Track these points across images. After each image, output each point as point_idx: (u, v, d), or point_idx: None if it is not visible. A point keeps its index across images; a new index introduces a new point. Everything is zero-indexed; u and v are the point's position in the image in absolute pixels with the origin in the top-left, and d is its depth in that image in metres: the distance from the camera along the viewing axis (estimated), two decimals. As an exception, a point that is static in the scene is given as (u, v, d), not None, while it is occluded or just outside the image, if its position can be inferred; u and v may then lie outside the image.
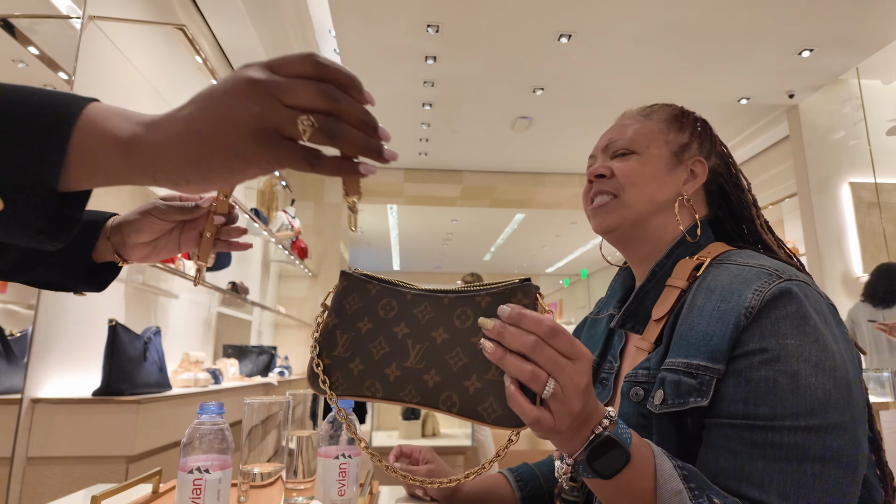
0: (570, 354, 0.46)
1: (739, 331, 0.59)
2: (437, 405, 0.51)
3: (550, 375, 0.45)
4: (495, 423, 0.49)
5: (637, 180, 0.75)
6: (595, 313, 0.90)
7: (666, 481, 0.51)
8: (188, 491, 0.60)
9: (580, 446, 0.49)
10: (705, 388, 0.59)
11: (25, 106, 0.37)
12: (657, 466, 0.52)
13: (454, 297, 0.53)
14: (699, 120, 0.81)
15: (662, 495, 0.51)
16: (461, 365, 0.51)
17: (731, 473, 0.55)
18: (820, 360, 0.56)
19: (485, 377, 0.50)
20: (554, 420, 0.46)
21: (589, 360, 0.47)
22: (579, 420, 0.47)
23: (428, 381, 0.51)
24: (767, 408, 0.55)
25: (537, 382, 0.45)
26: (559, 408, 0.46)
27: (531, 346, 0.45)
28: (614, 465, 0.49)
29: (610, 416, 0.50)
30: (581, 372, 0.46)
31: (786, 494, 0.52)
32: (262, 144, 0.37)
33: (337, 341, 0.54)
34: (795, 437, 0.53)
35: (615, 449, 0.49)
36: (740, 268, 0.64)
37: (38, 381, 1.89)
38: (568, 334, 0.46)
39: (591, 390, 0.48)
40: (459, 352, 0.51)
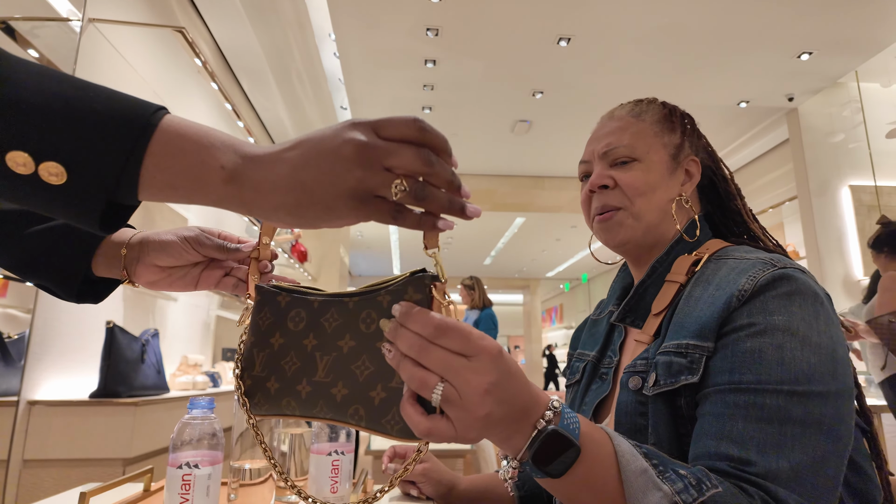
0: (464, 352, 0.41)
1: (730, 311, 0.59)
2: (347, 419, 0.47)
3: (443, 379, 0.40)
4: (399, 436, 0.44)
5: (644, 190, 0.74)
6: (597, 314, 0.90)
7: (629, 462, 0.48)
8: (177, 486, 0.59)
9: (523, 445, 0.44)
10: (695, 365, 0.59)
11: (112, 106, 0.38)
12: (616, 448, 0.49)
13: (358, 300, 0.49)
14: (686, 116, 0.81)
15: (628, 477, 0.47)
16: (367, 374, 0.47)
17: (712, 433, 0.54)
18: (807, 335, 0.56)
19: (390, 385, 0.46)
20: (455, 428, 0.41)
21: (492, 354, 0.41)
22: (496, 422, 0.42)
23: (336, 394, 0.48)
24: (752, 375, 0.55)
25: (426, 388, 0.40)
26: (459, 414, 0.40)
27: (418, 349, 0.40)
28: (564, 462, 0.45)
29: (553, 407, 0.45)
30: (480, 370, 0.41)
31: (765, 452, 0.51)
32: (356, 202, 0.39)
33: (254, 360, 0.52)
34: (778, 399, 0.53)
35: (562, 442, 0.45)
36: (737, 261, 0.65)
37: (35, 382, 1.88)
38: (461, 329, 0.41)
39: (510, 386, 0.42)
40: (366, 360, 0.47)
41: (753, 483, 0.50)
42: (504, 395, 0.42)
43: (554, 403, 0.46)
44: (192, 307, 3.27)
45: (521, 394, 0.44)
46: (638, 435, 0.63)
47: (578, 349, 0.87)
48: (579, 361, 0.84)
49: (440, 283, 0.44)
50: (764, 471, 0.50)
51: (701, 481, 0.48)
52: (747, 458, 0.51)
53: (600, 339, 0.82)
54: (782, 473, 0.50)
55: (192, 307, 3.27)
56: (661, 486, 0.47)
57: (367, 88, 4.14)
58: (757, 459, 0.51)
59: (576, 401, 0.81)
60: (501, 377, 0.42)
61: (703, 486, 0.48)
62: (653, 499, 0.46)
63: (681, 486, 0.47)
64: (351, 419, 0.47)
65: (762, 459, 0.51)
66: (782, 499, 0.49)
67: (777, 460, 0.50)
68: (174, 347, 2.98)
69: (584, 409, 0.77)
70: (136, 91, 2.47)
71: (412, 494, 0.90)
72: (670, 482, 0.47)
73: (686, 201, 0.76)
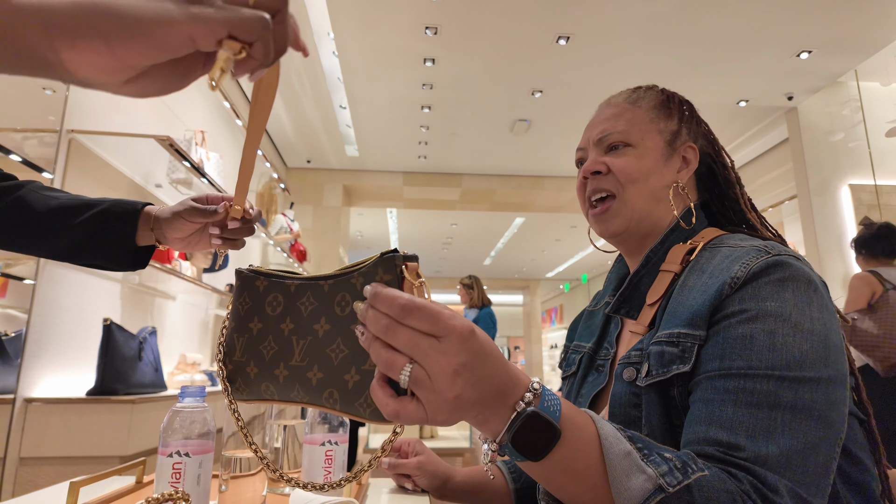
0: (433, 332, 0.39)
1: (722, 298, 0.58)
2: (322, 403, 0.47)
3: (412, 359, 0.40)
4: (371, 418, 0.44)
5: (637, 176, 0.73)
6: (593, 305, 0.89)
7: (612, 445, 0.47)
8: (167, 475, 0.58)
9: (502, 427, 0.44)
10: (687, 354, 0.58)
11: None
12: (599, 431, 0.47)
13: (333, 283, 0.49)
14: (684, 102, 0.80)
15: (611, 460, 0.46)
16: (342, 357, 0.47)
17: (701, 419, 0.54)
18: (799, 322, 0.55)
19: (363, 368, 0.46)
20: (425, 410, 0.40)
21: (462, 334, 0.40)
22: (469, 404, 0.41)
23: (311, 378, 0.48)
24: (742, 361, 0.54)
25: (394, 369, 0.40)
26: (427, 395, 0.40)
27: (385, 330, 0.40)
28: (543, 444, 0.44)
29: (533, 389, 0.44)
30: (449, 351, 0.39)
31: (754, 437, 0.50)
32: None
33: (235, 345, 0.52)
34: (768, 384, 0.52)
35: (542, 425, 0.44)
36: (731, 249, 0.64)
37: (32, 380, 1.87)
38: (429, 309, 0.39)
39: (483, 366, 0.41)
40: (340, 343, 0.47)
41: (742, 468, 0.49)
42: (476, 376, 0.41)
43: (534, 385, 0.45)
44: (189, 306, 3.26)
45: (497, 374, 0.43)
46: (632, 426, 0.62)
47: (575, 341, 0.86)
48: (575, 353, 0.84)
49: (413, 262, 0.44)
50: (753, 456, 0.49)
51: (686, 464, 0.47)
52: (736, 443, 0.50)
53: (596, 330, 0.82)
54: (772, 459, 0.49)
55: (189, 306, 3.26)
56: (644, 468, 0.46)
57: (365, 87, 4.14)
58: (746, 444, 0.50)
59: (572, 393, 0.80)
60: (472, 358, 0.40)
61: (689, 470, 0.47)
62: (636, 482, 0.45)
63: (665, 468, 0.46)
64: (326, 402, 0.47)
65: (752, 444, 0.50)
66: (771, 483, 0.47)
67: (767, 445, 0.49)
68: (172, 346, 2.97)
69: (580, 401, 0.76)
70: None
71: (407, 487, 0.89)
72: (654, 465, 0.46)
73: (682, 188, 0.75)
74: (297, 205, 5.58)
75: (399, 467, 0.90)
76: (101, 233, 0.75)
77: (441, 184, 5.98)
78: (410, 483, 0.90)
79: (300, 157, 5.57)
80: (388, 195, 6.34)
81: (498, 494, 0.88)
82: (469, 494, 0.89)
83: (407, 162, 5.69)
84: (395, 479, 0.92)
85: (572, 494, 0.48)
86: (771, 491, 0.47)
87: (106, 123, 2.24)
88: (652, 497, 0.45)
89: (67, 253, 0.76)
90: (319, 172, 5.87)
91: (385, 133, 4.98)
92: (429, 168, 5.85)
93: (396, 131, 4.93)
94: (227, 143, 3.84)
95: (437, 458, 0.91)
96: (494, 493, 0.88)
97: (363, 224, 8.44)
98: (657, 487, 0.45)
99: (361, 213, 7.70)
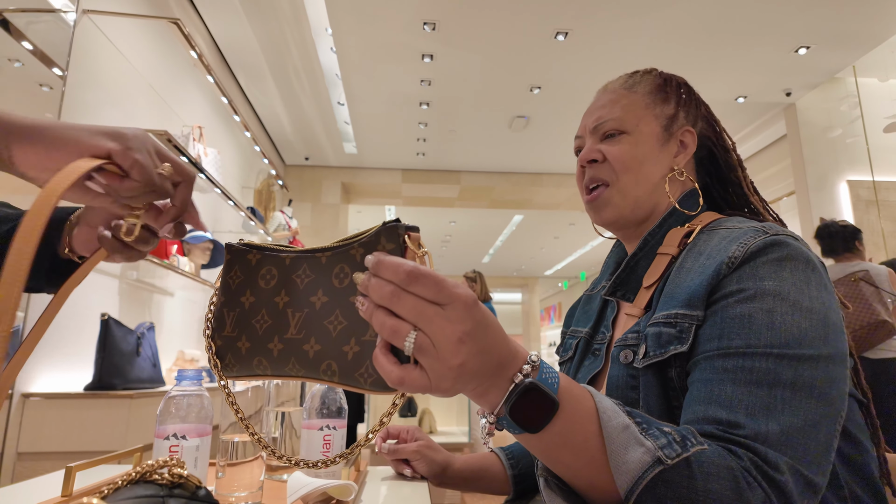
0: (438, 300, 0.39)
1: (720, 278, 0.58)
2: (319, 375, 0.47)
3: (416, 327, 0.39)
4: (372, 388, 0.44)
5: (632, 164, 0.73)
6: (590, 290, 0.89)
7: (610, 418, 0.47)
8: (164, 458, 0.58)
9: (499, 399, 0.44)
10: (685, 335, 0.58)
11: None
12: (597, 405, 0.47)
13: (331, 255, 0.48)
14: (682, 85, 0.80)
15: (609, 433, 0.46)
16: (340, 329, 0.46)
17: (700, 398, 0.53)
18: (798, 300, 0.54)
19: (363, 339, 0.45)
20: (429, 378, 0.40)
21: (467, 302, 0.40)
22: (471, 373, 0.41)
23: (308, 350, 0.47)
24: (741, 340, 0.54)
25: (398, 336, 0.39)
26: (432, 363, 0.40)
27: (389, 297, 0.39)
28: (541, 416, 0.44)
29: (532, 361, 0.44)
30: (454, 318, 0.39)
31: (754, 415, 0.50)
32: None
33: (225, 320, 0.51)
34: (767, 363, 0.52)
35: (540, 397, 0.43)
36: (729, 230, 0.63)
37: (29, 375, 1.87)
38: (434, 277, 0.39)
39: (486, 336, 0.41)
40: (339, 314, 0.47)
41: (743, 445, 0.48)
42: (479, 346, 0.41)
43: (532, 357, 0.44)
44: (188, 302, 3.25)
45: (498, 345, 0.42)
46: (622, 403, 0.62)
47: (572, 326, 0.86)
48: (572, 338, 0.83)
49: (415, 232, 0.43)
50: (753, 433, 0.49)
51: (686, 438, 0.47)
52: (736, 420, 0.50)
53: (593, 315, 0.81)
54: (772, 436, 0.48)
55: (188, 302, 3.25)
56: (643, 441, 0.46)
57: (364, 83, 4.13)
58: (746, 422, 0.49)
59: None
60: (476, 327, 0.40)
61: (688, 443, 0.46)
62: (635, 454, 0.45)
63: (664, 441, 0.46)
64: (323, 375, 0.46)
65: (751, 422, 0.49)
66: (772, 460, 0.47)
67: (767, 423, 0.49)
68: (171, 342, 2.97)
69: None
70: (132, 84, 2.47)
71: (406, 474, 0.89)
72: (653, 438, 0.46)
73: (681, 173, 0.74)
74: (296, 202, 5.57)
75: (398, 452, 0.90)
76: None
77: (439, 181, 5.97)
78: (409, 469, 0.89)
79: (298, 154, 5.56)
80: (386, 192, 6.33)
81: (496, 480, 0.88)
82: (468, 481, 0.89)
83: (405, 159, 5.68)
84: (394, 465, 0.92)
85: (570, 468, 0.47)
86: (772, 468, 0.47)
87: (103, 119, 2.23)
88: (650, 470, 0.44)
89: None
90: (318, 169, 5.87)
91: (383, 130, 4.97)
92: (427, 165, 5.85)
93: (395, 128, 4.92)
94: (225, 138, 3.83)
95: (435, 445, 0.91)
96: (493, 479, 0.88)
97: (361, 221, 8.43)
98: (655, 460, 0.45)
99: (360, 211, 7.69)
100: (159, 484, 0.33)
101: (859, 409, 0.65)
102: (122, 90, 2.40)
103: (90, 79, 2.15)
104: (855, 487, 0.59)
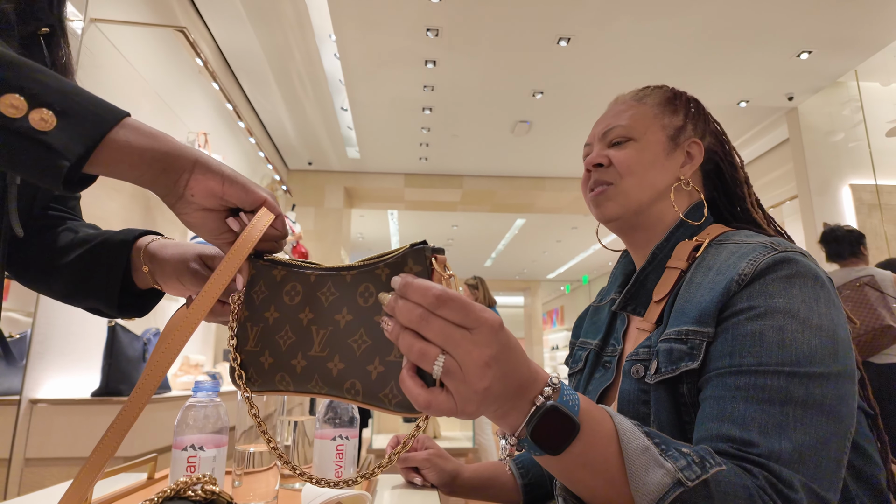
0: (465, 324, 0.39)
1: (730, 295, 0.59)
2: (343, 394, 0.47)
3: (443, 350, 0.39)
4: (396, 410, 0.44)
5: (636, 169, 0.74)
6: (598, 301, 0.90)
7: (630, 440, 0.47)
8: (182, 468, 0.59)
9: (521, 421, 0.44)
10: (696, 351, 0.59)
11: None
12: (617, 427, 0.48)
13: (356, 273, 0.48)
14: (692, 100, 0.81)
15: (629, 455, 0.46)
16: (365, 348, 0.46)
17: (713, 416, 0.54)
18: (807, 318, 0.55)
19: (387, 359, 0.45)
20: (455, 401, 0.40)
21: (493, 327, 0.40)
22: (495, 396, 0.41)
23: (332, 368, 0.47)
24: (752, 357, 0.54)
25: (426, 360, 0.39)
26: (458, 386, 0.40)
27: (418, 320, 0.39)
28: (562, 438, 0.44)
29: (552, 384, 0.45)
30: (481, 342, 0.40)
31: (767, 433, 0.50)
32: None
33: (248, 334, 0.51)
34: (779, 380, 0.52)
35: (561, 419, 0.44)
36: (738, 245, 0.64)
37: (37, 381, 1.88)
38: (462, 300, 0.39)
39: (510, 359, 0.42)
40: (363, 333, 0.47)
41: (757, 464, 0.49)
42: (503, 370, 0.41)
43: (553, 380, 0.45)
44: (193, 308, 3.26)
45: (520, 369, 0.43)
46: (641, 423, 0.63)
47: (581, 337, 0.87)
48: (582, 350, 0.84)
49: (441, 255, 0.44)
50: (767, 451, 0.49)
51: (704, 459, 0.48)
52: (749, 439, 0.50)
53: (602, 327, 0.82)
54: (785, 454, 0.49)
55: (193, 308, 3.26)
56: (663, 463, 0.46)
57: (367, 89, 4.15)
58: (759, 440, 0.50)
59: (579, 389, 0.80)
60: (501, 350, 0.41)
61: (707, 464, 0.47)
62: (655, 476, 0.46)
63: (684, 463, 0.47)
64: (347, 394, 0.47)
65: (764, 440, 0.50)
66: (786, 479, 0.48)
67: (780, 441, 0.50)
68: (175, 348, 2.97)
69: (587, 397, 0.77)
70: (138, 91, 2.49)
71: (416, 482, 0.90)
72: (673, 459, 0.47)
73: (687, 183, 0.75)
74: (299, 207, 5.59)
75: (408, 461, 0.90)
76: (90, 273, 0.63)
77: (442, 185, 5.99)
78: (419, 478, 0.90)
79: (302, 158, 5.58)
80: (389, 197, 6.35)
81: (506, 490, 0.88)
82: (478, 490, 0.89)
83: (408, 163, 5.70)
84: (404, 473, 0.92)
85: (590, 489, 0.48)
86: (786, 486, 0.47)
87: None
88: (671, 491, 0.45)
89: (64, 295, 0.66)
90: (321, 174, 5.89)
91: (386, 135, 4.99)
92: (430, 169, 5.86)
93: (398, 133, 4.94)
94: (230, 144, 3.85)
95: (445, 454, 0.91)
96: (503, 488, 0.88)
97: (364, 226, 8.45)
98: (676, 482, 0.45)
99: (363, 215, 7.71)
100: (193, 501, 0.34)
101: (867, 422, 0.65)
102: (129, 97, 2.42)
103: (97, 86, 2.17)
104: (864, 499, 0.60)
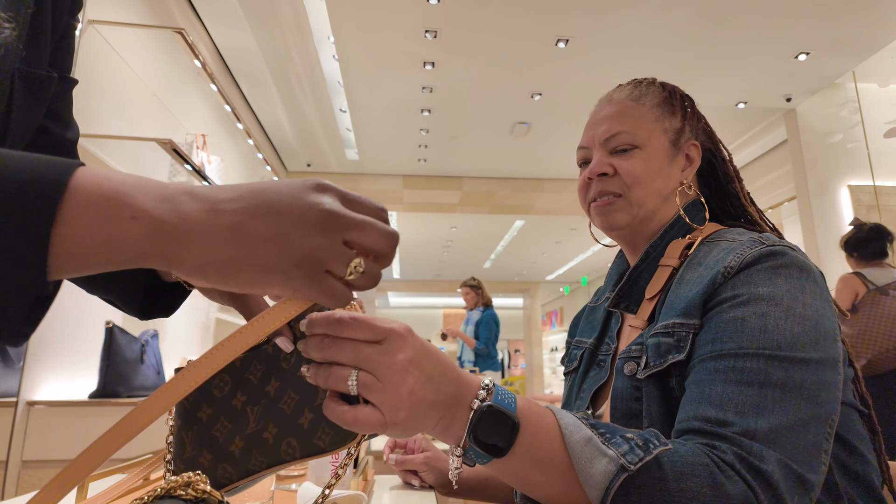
0: (373, 338, 0.40)
1: (715, 287, 0.59)
2: (281, 458, 0.47)
3: (356, 368, 0.40)
4: (332, 447, 0.45)
5: (644, 178, 0.73)
6: (594, 301, 0.90)
7: (573, 433, 0.47)
8: (177, 469, 0.58)
9: (462, 430, 0.44)
10: (682, 343, 0.59)
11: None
12: (559, 421, 0.48)
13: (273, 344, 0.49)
14: (685, 98, 0.80)
15: (573, 448, 0.46)
16: (294, 404, 0.47)
17: (692, 399, 0.54)
18: (791, 306, 0.55)
19: (315, 404, 0.46)
20: (382, 412, 0.40)
21: (401, 333, 0.41)
22: (428, 403, 0.42)
23: (268, 438, 0.48)
24: (733, 342, 0.54)
25: (341, 381, 0.40)
26: (381, 397, 0.40)
27: (327, 348, 0.40)
28: (504, 437, 0.44)
29: (486, 386, 0.45)
30: (393, 350, 0.40)
31: (743, 413, 0.50)
32: (302, 272, 0.34)
33: (184, 442, 0.51)
34: (758, 363, 0.52)
35: (500, 417, 0.44)
36: (728, 242, 0.65)
37: (34, 383, 1.87)
38: (363, 317, 0.41)
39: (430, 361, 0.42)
40: (291, 393, 0.48)
41: (728, 439, 0.49)
42: (425, 372, 0.42)
43: (485, 382, 0.46)
44: (191, 310, 3.26)
45: (447, 373, 0.44)
46: (634, 420, 0.63)
47: (576, 336, 0.87)
48: (577, 349, 0.84)
49: None
50: (742, 430, 0.49)
51: (648, 441, 0.47)
52: (725, 418, 0.50)
53: (598, 325, 0.82)
54: (760, 432, 0.49)
55: (191, 310, 3.26)
56: (606, 451, 0.46)
57: (366, 91, 4.15)
58: (735, 420, 0.50)
59: (574, 388, 0.80)
60: (417, 353, 0.42)
61: (651, 446, 0.47)
62: (600, 465, 0.45)
63: (626, 448, 0.46)
64: (285, 456, 0.47)
65: (740, 420, 0.50)
66: (757, 452, 0.47)
67: (756, 420, 0.49)
68: (174, 349, 2.97)
69: (581, 396, 0.76)
70: (136, 92, 2.48)
71: (413, 484, 0.90)
72: (616, 446, 0.46)
73: (689, 187, 0.75)
74: (298, 208, 5.58)
75: (406, 463, 0.90)
76: None
77: (441, 187, 5.99)
78: (417, 480, 0.90)
79: (300, 160, 5.58)
80: (388, 198, 6.35)
81: (503, 490, 0.88)
82: (475, 490, 0.89)
83: (407, 165, 5.70)
84: (402, 475, 0.92)
85: (544, 487, 0.48)
86: (756, 458, 0.47)
87: (107, 127, 2.25)
88: (616, 478, 0.45)
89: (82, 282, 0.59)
90: (320, 176, 5.87)
91: (385, 136, 4.99)
92: (429, 171, 5.87)
93: (396, 134, 4.94)
94: (228, 146, 3.85)
95: (443, 455, 0.91)
96: (499, 488, 0.88)
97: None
98: (619, 468, 0.45)
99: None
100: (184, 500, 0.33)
101: (860, 419, 0.65)
102: (127, 99, 2.42)
103: (95, 88, 2.17)
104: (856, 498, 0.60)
